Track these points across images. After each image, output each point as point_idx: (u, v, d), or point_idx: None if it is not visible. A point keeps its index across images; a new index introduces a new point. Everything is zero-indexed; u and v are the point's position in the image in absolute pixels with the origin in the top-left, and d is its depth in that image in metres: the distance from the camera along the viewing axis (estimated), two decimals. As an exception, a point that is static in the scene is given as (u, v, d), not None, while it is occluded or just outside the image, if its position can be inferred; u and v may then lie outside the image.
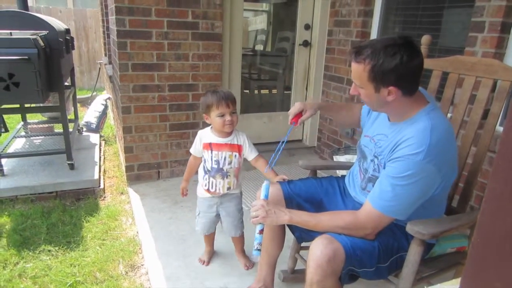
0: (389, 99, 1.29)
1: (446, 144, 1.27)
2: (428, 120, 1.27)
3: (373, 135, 1.50)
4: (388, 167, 1.31)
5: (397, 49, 1.22)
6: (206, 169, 1.94)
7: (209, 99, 1.83)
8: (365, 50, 1.26)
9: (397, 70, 1.23)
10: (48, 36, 2.76)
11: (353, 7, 3.23)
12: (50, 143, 3.56)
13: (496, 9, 2.12)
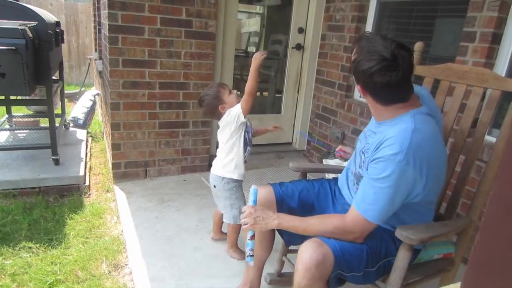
0: (362, 95, 1.37)
1: (428, 148, 1.26)
2: (411, 122, 1.27)
3: (367, 130, 1.52)
4: (370, 168, 1.32)
5: (376, 58, 1.23)
6: (249, 139, 2.12)
7: (213, 91, 2.06)
8: (361, 42, 1.31)
9: (364, 75, 1.28)
10: (38, 27, 2.70)
11: (347, 12, 3.25)
12: (35, 138, 3.48)
13: (488, 20, 2.15)
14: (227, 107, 2.03)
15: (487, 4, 2.15)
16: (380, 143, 1.30)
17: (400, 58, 1.23)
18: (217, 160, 2.16)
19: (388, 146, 1.25)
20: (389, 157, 1.23)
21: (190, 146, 3.25)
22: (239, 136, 2.07)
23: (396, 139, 1.24)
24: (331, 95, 3.50)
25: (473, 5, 2.23)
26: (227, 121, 2.04)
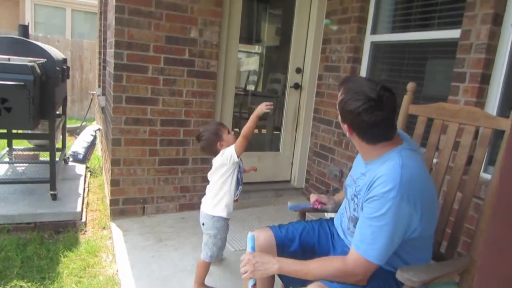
0: (348, 134, 1.41)
1: (418, 181, 1.30)
2: (399, 158, 1.31)
3: (354, 175, 1.55)
4: (365, 207, 1.33)
5: (363, 98, 1.30)
6: (240, 179, 2.18)
7: (213, 127, 2.16)
8: (348, 83, 1.38)
9: (351, 115, 1.33)
10: (46, 64, 2.79)
11: (343, 53, 3.38)
12: (34, 171, 3.49)
13: (476, 61, 2.25)
14: (224, 145, 2.11)
15: (474, 47, 2.26)
16: (371, 182, 1.32)
17: (385, 99, 1.30)
18: (207, 198, 2.19)
19: (381, 184, 1.28)
20: (382, 194, 1.26)
21: (189, 183, 3.27)
22: (232, 175, 2.12)
23: (388, 176, 1.27)
24: (329, 133, 3.56)
25: (461, 47, 2.34)
26: (221, 161, 2.10)
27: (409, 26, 2.94)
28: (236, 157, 2.05)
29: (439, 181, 1.77)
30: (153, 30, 2.86)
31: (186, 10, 2.93)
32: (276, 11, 4.85)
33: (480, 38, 2.24)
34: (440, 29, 2.65)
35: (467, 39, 2.31)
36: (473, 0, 2.27)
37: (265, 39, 4.94)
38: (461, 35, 2.35)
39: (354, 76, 1.39)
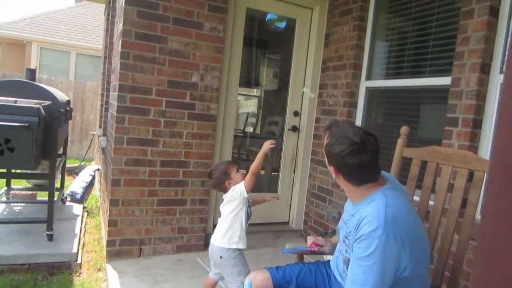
0: (334, 176, 1.48)
1: (403, 219, 1.33)
2: (383, 197, 1.36)
3: (345, 217, 1.59)
4: (354, 248, 1.36)
5: (347, 142, 1.38)
6: (248, 213, 2.27)
7: (222, 167, 2.29)
8: (332, 128, 1.47)
9: (336, 158, 1.41)
10: (51, 106, 2.88)
11: (339, 98, 3.49)
12: (30, 211, 3.48)
13: (467, 107, 2.34)
14: (233, 183, 2.23)
15: (465, 93, 2.36)
16: (358, 223, 1.36)
17: (368, 142, 1.38)
18: (220, 232, 2.26)
19: (367, 223, 1.32)
20: (369, 234, 1.29)
21: (187, 225, 3.26)
22: (243, 209, 2.22)
23: (372, 216, 1.31)
24: (327, 175, 3.60)
25: (452, 93, 2.44)
26: (232, 196, 2.21)
27: (402, 73, 3.07)
28: (246, 193, 2.18)
29: (435, 223, 1.79)
30: (156, 75, 2.98)
31: (188, 56, 3.06)
32: (274, 56, 5.05)
33: (469, 86, 2.34)
34: (431, 76, 2.77)
35: (458, 86, 2.41)
36: (462, 50, 2.40)
37: (263, 83, 5.10)
38: (452, 82, 2.46)
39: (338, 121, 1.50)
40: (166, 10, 2.94)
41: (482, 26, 2.30)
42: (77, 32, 11.35)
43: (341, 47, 3.51)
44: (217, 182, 2.28)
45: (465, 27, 2.39)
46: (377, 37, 3.35)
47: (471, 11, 2.36)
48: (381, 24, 3.32)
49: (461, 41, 2.41)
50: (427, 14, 2.84)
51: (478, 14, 2.32)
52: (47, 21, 11.28)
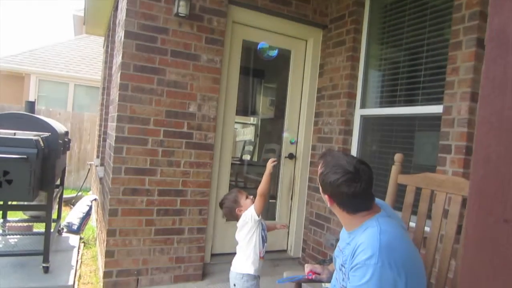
0: (328, 205, 1.50)
1: (398, 245, 1.34)
2: (377, 225, 1.38)
3: (340, 245, 1.61)
4: (351, 277, 1.36)
5: (341, 171, 1.42)
6: (265, 236, 2.32)
7: (232, 196, 2.40)
8: (326, 157, 1.50)
9: (331, 186, 1.44)
10: (49, 137, 2.91)
11: (334, 126, 3.55)
12: (26, 243, 3.45)
13: (460, 135, 2.39)
14: (243, 210, 2.32)
15: (457, 121, 2.42)
16: (354, 251, 1.38)
17: (362, 171, 1.42)
18: (236, 258, 2.33)
19: (362, 251, 1.33)
20: (364, 262, 1.30)
21: (185, 254, 3.24)
22: (255, 233, 2.27)
23: (367, 244, 1.33)
24: (324, 202, 3.61)
25: (445, 121, 2.50)
26: (244, 221, 2.29)
27: (395, 101, 3.15)
28: (256, 215, 2.24)
29: (432, 250, 1.80)
30: (154, 105, 3.03)
31: (186, 87, 3.14)
32: (270, 85, 5.16)
33: (461, 114, 2.40)
34: (424, 105, 2.84)
35: (450, 114, 2.48)
36: (452, 79, 2.48)
37: (260, 111, 5.18)
38: (444, 111, 2.52)
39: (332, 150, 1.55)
40: (165, 43, 3.04)
41: (470, 57, 2.38)
42: (76, 64, 11.55)
43: (335, 76, 3.60)
44: (228, 211, 2.38)
45: (454, 57, 2.48)
46: (370, 67, 3.45)
47: (459, 43, 2.45)
48: (374, 55, 3.43)
49: (451, 71, 2.50)
50: (418, 45, 2.94)
51: (466, 46, 2.41)
52: (46, 53, 11.50)
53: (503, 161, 0.55)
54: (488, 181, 0.56)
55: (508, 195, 0.52)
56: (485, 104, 0.62)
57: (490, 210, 0.54)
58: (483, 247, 0.53)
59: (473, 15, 2.37)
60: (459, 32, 2.45)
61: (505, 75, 0.61)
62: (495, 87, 0.61)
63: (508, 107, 0.58)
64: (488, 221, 0.53)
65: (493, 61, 0.63)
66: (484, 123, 0.60)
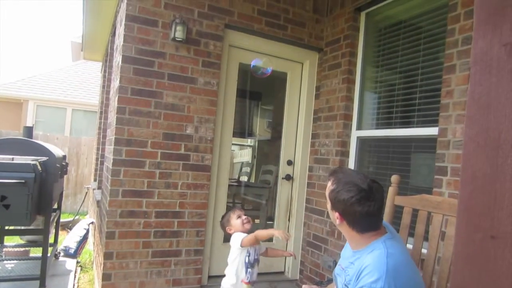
0: (337, 222, 1.48)
1: (403, 269, 1.34)
2: (384, 247, 1.37)
3: (343, 264, 1.59)
4: None
5: (355, 190, 1.40)
6: (249, 263, 2.31)
7: (227, 214, 2.48)
8: (338, 174, 1.49)
9: (343, 204, 1.42)
10: (47, 162, 2.93)
11: (331, 147, 3.58)
12: (23, 268, 3.41)
13: (455, 157, 2.41)
14: (233, 229, 2.40)
15: (452, 143, 2.44)
16: (359, 272, 1.37)
17: (375, 190, 1.42)
18: (224, 279, 2.39)
19: (368, 274, 1.32)
20: (370, 285, 1.29)
21: (182, 276, 3.20)
22: (239, 258, 2.31)
23: (374, 266, 1.32)
24: (321, 223, 3.60)
25: (440, 143, 2.52)
26: (232, 242, 2.37)
27: (391, 123, 3.18)
28: (239, 244, 2.30)
29: (429, 272, 1.79)
30: (151, 128, 3.06)
31: (183, 109, 3.17)
32: (267, 107, 5.22)
33: (456, 136, 2.41)
34: (420, 127, 2.86)
35: (445, 136, 2.49)
36: (447, 102, 2.51)
37: (257, 133, 5.22)
38: (439, 133, 2.52)
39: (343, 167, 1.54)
40: (162, 66, 3.09)
41: (464, 80, 2.41)
42: (73, 89, 11.68)
43: (331, 98, 3.65)
44: (222, 228, 2.51)
45: (448, 81, 2.52)
46: (366, 89, 3.50)
47: (453, 66, 2.50)
48: (369, 77, 3.49)
49: (445, 94, 2.53)
50: (412, 68, 2.99)
51: (460, 69, 2.45)
52: (44, 79, 11.63)
53: (489, 179, 0.57)
54: (475, 199, 0.57)
55: (494, 212, 0.54)
56: (471, 124, 0.64)
57: (478, 226, 0.55)
58: (472, 262, 0.54)
59: (466, 39, 2.42)
60: (453, 55, 2.50)
61: (488, 96, 0.63)
62: (480, 107, 0.64)
63: (492, 127, 0.61)
64: (476, 237, 0.55)
65: (478, 82, 0.66)
66: (470, 142, 0.62)
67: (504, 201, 0.54)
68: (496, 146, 0.59)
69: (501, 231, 0.53)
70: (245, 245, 2.30)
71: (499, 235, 0.53)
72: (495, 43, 0.62)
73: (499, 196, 0.55)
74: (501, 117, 0.59)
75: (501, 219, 0.54)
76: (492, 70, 0.64)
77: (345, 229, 1.49)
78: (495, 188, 0.56)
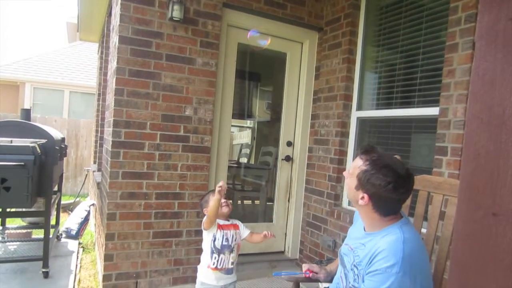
0: (360, 203, 1.42)
1: (419, 257, 1.34)
2: (400, 233, 1.36)
3: (351, 244, 1.58)
4: (367, 280, 1.35)
5: (393, 176, 1.35)
6: (215, 248, 2.23)
7: (206, 196, 2.38)
8: (373, 155, 1.42)
9: (377, 188, 1.36)
10: (46, 144, 2.92)
11: (331, 128, 3.57)
12: (26, 249, 3.45)
13: (456, 137, 2.40)
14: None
15: (453, 123, 2.43)
16: (373, 256, 1.35)
17: (411, 178, 1.39)
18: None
19: (383, 258, 1.30)
20: (385, 269, 1.28)
21: (183, 256, 3.24)
22: (207, 243, 2.26)
23: (389, 251, 1.30)
24: (321, 204, 3.63)
25: (441, 123, 2.51)
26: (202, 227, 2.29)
27: (392, 103, 3.16)
28: (203, 227, 2.25)
29: (428, 251, 1.81)
30: (150, 110, 3.04)
31: (181, 90, 3.14)
32: (267, 88, 5.18)
33: (457, 116, 2.40)
34: (420, 107, 2.85)
35: (446, 116, 2.47)
36: (448, 81, 2.48)
37: (256, 114, 5.20)
38: (440, 113, 2.51)
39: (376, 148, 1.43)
40: (159, 47, 3.05)
41: (467, 59, 2.38)
42: (70, 71, 11.55)
43: (331, 79, 3.62)
44: (200, 209, 2.43)
45: (450, 60, 2.49)
46: (366, 69, 3.46)
47: (455, 45, 2.46)
48: (370, 57, 3.45)
49: (447, 73, 2.50)
50: (414, 47, 2.95)
51: (462, 48, 2.41)
52: (40, 61, 11.50)
53: (492, 156, 0.56)
54: (478, 176, 0.57)
55: (496, 189, 0.53)
56: (474, 101, 0.63)
57: (479, 204, 0.55)
58: (473, 240, 0.54)
59: (469, 17, 2.38)
60: (456, 34, 2.46)
61: (494, 72, 0.62)
62: (484, 83, 0.62)
63: (497, 103, 0.60)
64: (477, 215, 0.54)
65: (483, 58, 0.65)
66: (473, 119, 0.61)
67: (507, 178, 0.53)
68: (500, 123, 0.58)
69: (503, 208, 0.53)
70: (207, 226, 2.21)
71: (501, 212, 0.53)
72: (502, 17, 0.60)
73: (502, 173, 0.54)
74: (506, 93, 0.58)
75: (503, 196, 0.53)
76: (497, 45, 0.62)
77: (366, 210, 1.44)
78: (498, 165, 0.55)
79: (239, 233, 2.34)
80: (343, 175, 3.32)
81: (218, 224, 2.27)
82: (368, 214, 1.45)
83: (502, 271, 0.51)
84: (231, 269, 2.27)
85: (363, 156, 1.44)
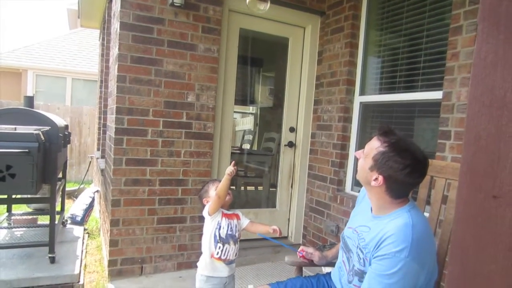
0: (373, 184, 1.41)
1: (427, 241, 1.34)
2: (409, 217, 1.36)
3: (356, 227, 1.57)
4: (374, 264, 1.35)
5: (411, 160, 1.34)
6: (219, 237, 2.10)
7: (205, 185, 2.27)
8: (392, 137, 1.40)
9: (394, 171, 1.36)
10: (50, 131, 2.93)
11: (334, 113, 3.56)
12: (32, 235, 3.49)
13: (459, 121, 2.39)
14: (210, 201, 2.14)
15: (456, 107, 2.42)
16: (380, 240, 1.35)
17: (428, 163, 1.39)
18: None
19: (392, 243, 1.30)
20: (394, 254, 1.28)
21: (187, 242, 3.28)
22: (211, 232, 2.10)
23: (398, 236, 1.30)
24: (324, 189, 3.64)
25: (444, 107, 2.50)
26: (204, 213, 2.15)
27: (395, 88, 3.14)
28: (207, 213, 2.10)
29: (430, 234, 1.82)
30: (152, 96, 3.04)
31: (183, 77, 3.14)
32: (269, 74, 5.15)
33: (460, 100, 2.39)
34: (423, 91, 2.83)
35: (449, 100, 2.46)
36: (452, 65, 2.46)
37: (259, 100, 5.18)
38: (443, 96, 2.50)
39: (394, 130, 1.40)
40: (161, 33, 3.03)
41: (471, 42, 2.36)
42: (72, 58, 11.51)
43: (334, 63, 3.59)
44: (199, 199, 2.28)
45: (454, 43, 2.46)
46: (369, 54, 3.43)
47: (459, 28, 2.43)
48: (373, 41, 3.41)
49: (451, 56, 2.48)
50: (417, 30, 2.92)
51: (467, 31, 2.39)
52: (42, 49, 11.45)
53: (493, 139, 0.56)
54: (479, 159, 0.57)
55: (497, 172, 0.54)
56: (476, 83, 0.63)
57: (480, 186, 0.55)
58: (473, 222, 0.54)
59: (473, -2, 2.35)
60: (460, 16, 2.43)
61: (496, 54, 0.61)
62: (486, 66, 0.62)
63: (498, 85, 0.59)
64: (478, 197, 0.55)
65: (485, 40, 0.64)
66: (475, 101, 0.61)
67: (507, 161, 0.53)
68: (501, 105, 0.57)
69: (504, 190, 0.53)
70: (213, 210, 2.07)
71: (501, 194, 0.53)
72: (505, -2, 0.60)
73: (502, 155, 0.54)
74: (507, 75, 0.57)
75: (504, 179, 0.54)
76: (500, 27, 0.62)
77: (378, 191, 1.43)
78: (499, 148, 0.55)
79: (240, 223, 2.23)
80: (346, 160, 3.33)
81: (223, 213, 2.15)
82: (380, 196, 1.44)
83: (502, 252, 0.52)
84: (233, 261, 2.17)
85: (381, 137, 1.41)
